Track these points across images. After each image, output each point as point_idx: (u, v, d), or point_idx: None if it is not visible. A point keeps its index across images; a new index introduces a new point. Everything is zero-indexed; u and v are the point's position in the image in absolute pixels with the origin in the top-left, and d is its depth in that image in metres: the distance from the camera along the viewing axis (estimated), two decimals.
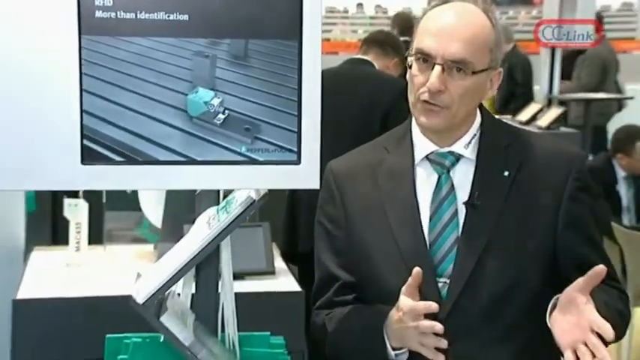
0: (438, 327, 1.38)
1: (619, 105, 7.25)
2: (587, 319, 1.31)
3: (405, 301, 1.40)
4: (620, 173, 4.47)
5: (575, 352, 1.31)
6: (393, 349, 1.46)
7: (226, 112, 1.30)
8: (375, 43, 3.57)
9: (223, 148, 1.31)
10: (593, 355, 1.30)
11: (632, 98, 7.17)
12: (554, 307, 1.41)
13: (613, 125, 6.78)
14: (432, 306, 1.38)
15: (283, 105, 1.31)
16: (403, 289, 1.41)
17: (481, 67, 1.45)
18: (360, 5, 11.89)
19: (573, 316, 1.34)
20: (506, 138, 1.55)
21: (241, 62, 1.30)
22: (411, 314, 1.39)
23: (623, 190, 4.49)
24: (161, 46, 1.27)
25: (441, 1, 1.50)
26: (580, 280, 1.35)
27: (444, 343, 1.38)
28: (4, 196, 2.92)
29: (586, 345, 1.30)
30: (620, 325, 1.48)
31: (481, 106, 1.56)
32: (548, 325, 1.39)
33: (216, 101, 1.30)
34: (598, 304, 1.36)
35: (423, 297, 1.42)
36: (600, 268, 1.34)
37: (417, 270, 1.39)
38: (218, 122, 1.30)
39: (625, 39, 10.90)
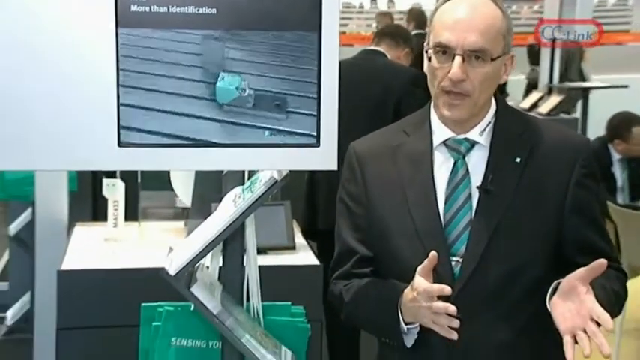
0: (452, 308, 1.34)
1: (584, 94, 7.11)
2: (587, 308, 1.29)
3: (420, 282, 1.36)
4: (615, 156, 4.45)
5: (573, 337, 1.29)
6: (406, 323, 1.43)
7: (254, 92, 1.28)
8: (386, 35, 3.53)
9: (249, 131, 1.29)
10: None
11: (626, 87, 7.06)
12: (553, 291, 1.38)
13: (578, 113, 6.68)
14: (446, 289, 1.35)
15: (304, 92, 1.29)
16: (418, 269, 1.37)
17: (497, 54, 1.42)
18: (374, 1, 11.80)
19: (574, 304, 1.32)
20: (519, 126, 1.50)
21: (265, 52, 1.28)
22: (424, 295, 1.35)
23: (618, 172, 4.47)
24: (191, 38, 1.26)
25: None
26: (582, 270, 1.32)
27: (455, 323, 1.35)
28: (49, 178, 2.95)
29: (585, 331, 1.28)
30: (615, 305, 1.45)
31: (496, 95, 1.51)
32: (548, 308, 1.37)
33: (245, 84, 1.28)
34: (596, 288, 1.33)
35: (437, 274, 1.39)
36: (601, 262, 1.30)
37: (433, 253, 1.36)
38: (249, 105, 1.28)
39: (621, 32, 10.79)
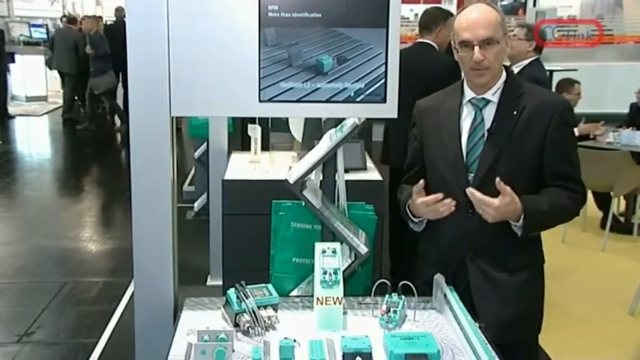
0: (447, 200, 1.37)
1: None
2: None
3: (419, 202, 1.39)
4: None
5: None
6: (415, 216, 1.47)
7: (345, 69, 1.27)
8: (422, 27, 3.19)
9: (341, 93, 1.29)
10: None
11: (575, 70, 6.36)
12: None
13: None
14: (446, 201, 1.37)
15: (376, 68, 1.28)
16: (414, 192, 1.40)
17: (499, 38, 1.39)
18: (416, 15, 11.31)
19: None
20: (518, 89, 1.45)
21: (352, 41, 1.27)
22: (427, 205, 1.38)
23: None
24: (304, 32, 1.25)
25: (463, 7, 1.44)
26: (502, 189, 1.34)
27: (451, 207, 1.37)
28: (217, 123, 3.04)
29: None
30: (560, 216, 1.43)
31: (508, 68, 1.47)
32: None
33: (336, 64, 1.28)
34: (532, 201, 1.36)
35: (458, 185, 1.41)
36: (497, 181, 1.32)
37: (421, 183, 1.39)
38: (340, 76, 1.28)
39: None
